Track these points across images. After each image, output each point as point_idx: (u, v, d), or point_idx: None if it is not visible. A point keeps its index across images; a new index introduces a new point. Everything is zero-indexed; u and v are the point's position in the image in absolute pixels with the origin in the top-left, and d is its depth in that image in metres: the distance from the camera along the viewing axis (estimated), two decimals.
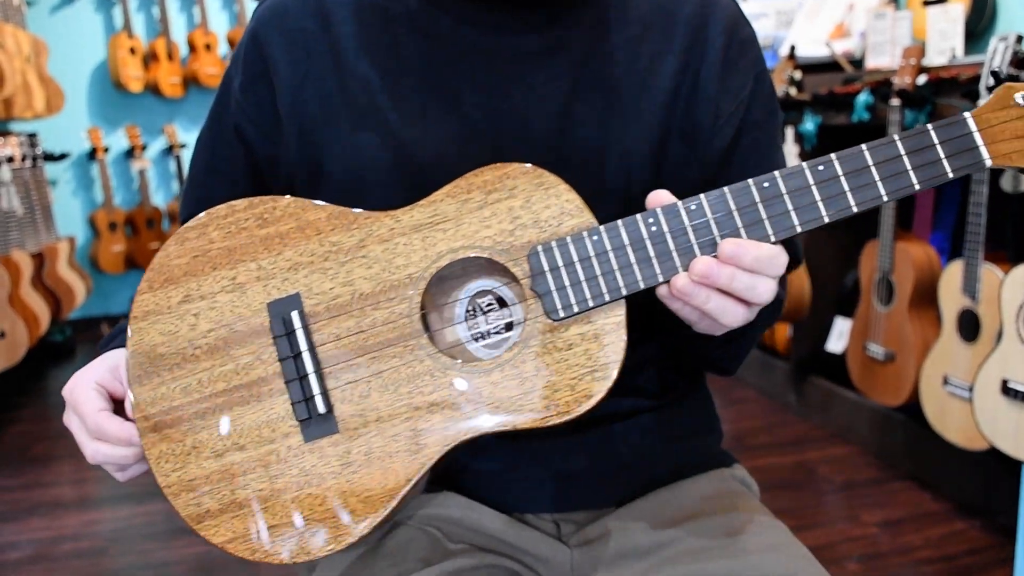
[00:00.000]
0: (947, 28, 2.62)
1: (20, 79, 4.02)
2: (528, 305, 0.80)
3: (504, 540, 0.93)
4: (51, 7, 5.11)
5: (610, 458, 0.97)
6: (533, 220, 0.80)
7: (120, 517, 2.79)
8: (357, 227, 0.83)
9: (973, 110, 0.78)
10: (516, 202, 0.80)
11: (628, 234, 0.79)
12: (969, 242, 2.31)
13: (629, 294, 0.79)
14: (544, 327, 0.80)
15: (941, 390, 2.47)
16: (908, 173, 0.78)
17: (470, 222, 0.81)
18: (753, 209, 0.78)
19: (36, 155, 4.37)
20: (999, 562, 2.30)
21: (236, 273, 0.84)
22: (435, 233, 0.81)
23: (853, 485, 2.78)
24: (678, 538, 0.91)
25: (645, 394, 1.00)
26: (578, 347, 0.79)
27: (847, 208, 0.78)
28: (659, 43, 0.94)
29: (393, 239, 0.82)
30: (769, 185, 0.78)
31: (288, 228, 0.84)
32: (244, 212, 0.85)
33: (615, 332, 0.79)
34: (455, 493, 0.97)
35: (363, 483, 0.81)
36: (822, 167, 0.78)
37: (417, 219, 0.82)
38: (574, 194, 0.80)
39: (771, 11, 3.64)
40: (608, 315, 0.79)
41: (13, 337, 3.72)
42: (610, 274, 0.79)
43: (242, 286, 0.84)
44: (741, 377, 3.82)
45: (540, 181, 0.80)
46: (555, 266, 0.80)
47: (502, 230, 0.80)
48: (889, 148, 0.78)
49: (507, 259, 0.80)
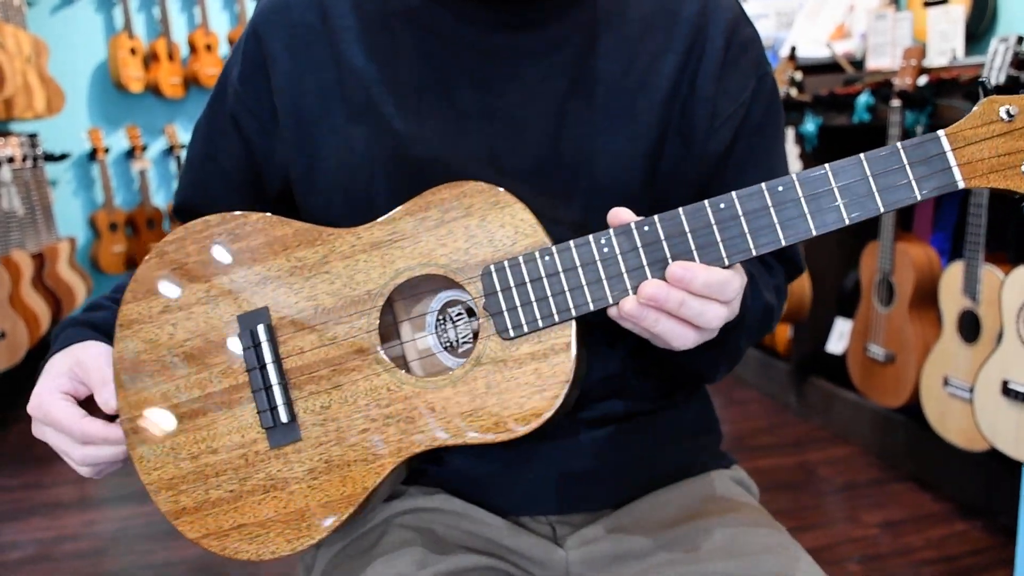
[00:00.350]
0: (948, 29, 2.62)
1: (21, 79, 4.02)
2: (482, 323, 0.82)
3: (500, 543, 0.93)
4: (52, 7, 5.11)
5: (609, 460, 0.97)
6: (488, 239, 0.81)
7: (121, 517, 2.79)
8: (321, 243, 0.86)
9: (949, 127, 0.75)
10: (472, 220, 0.82)
11: (579, 255, 0.79)
12: (970, 243, 2.31)
13: (579, 315, 0.79)
14: (496, 345, 0.81)
15: (942, 391, 2.47)
16: (874, 196, 0.76)
17: (427, 240, 0.83)
18: (708, 231, 0.77)
19: (37, 155, 4.37)
20: (1000, 563, 2.29)
21: (210, 286, 0.88)
22: (393, 251, 0.84)
23: (854, 486, 2.78)
24: (676, 540, 0.91)
25: (644, 397, 1.00)
26: (528, 366, 0.80)
27: (806, 231, 0.77)
28: (660, 42, 0.94)
29: (354, 256, 0.85)
30: (725, 207, 0.77)
31: (258, 243, 0.87)
32: (218, 227, 0.88)
33: (564, 352, 0.80)
34: (452, 496, 0.97)
35: (324, 489, 0.84)
36: (782, 188, 0.76)
37: (377, 237, 0.84)
38: (528, 213, 0.81)
39: (771, 12, 3.64)
40: (558, 335, 0.80)
41: (14, 337, 3.72)
42: (560, 295, 0.79)
43: (215, 298, 0.88)
44: (742, 378, 3.82)
45: (496, 200, 0.81)
46: (507, 286, 0.80)
47: (457, 248, 0.82)
48: (855, 169, 0.76)
49: (462, 278, 0.82)
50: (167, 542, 2.61)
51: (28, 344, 3.80)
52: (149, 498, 0.88)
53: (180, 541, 2.59)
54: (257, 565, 2.45)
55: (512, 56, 0.92)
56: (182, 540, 2.78)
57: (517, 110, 0.92)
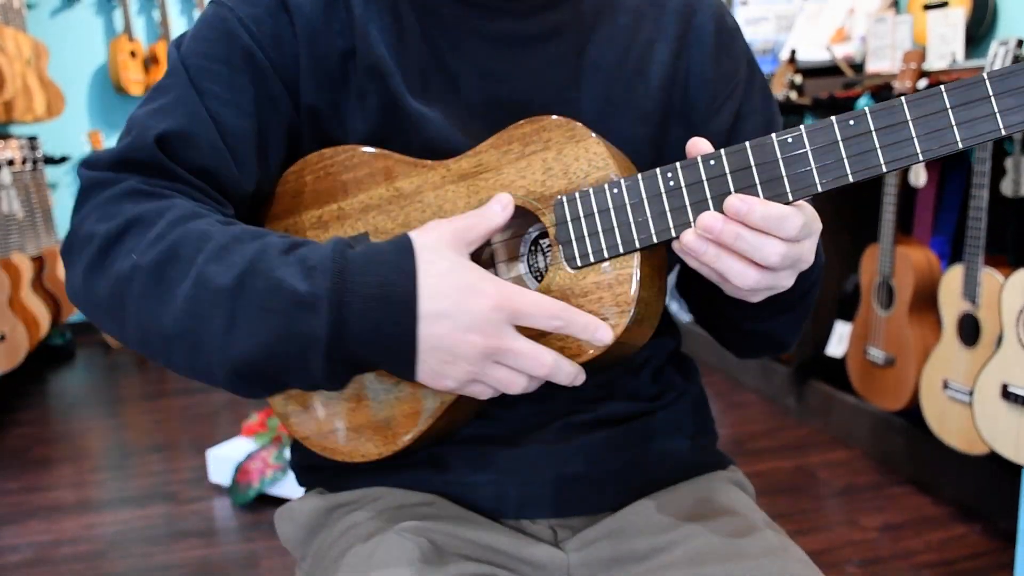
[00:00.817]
0: (947, 32, 2.62)
1: (20, 82, 4.02)
2: (553, 252, 0.84)
3: (499, 549, 0.93)
4: (52, 10, 5.11)
5: (607, 462, 0.97)
6: (563, 171, 0.84)
7: (120, 520, 2.78)
8: (416, 174, 0.90)
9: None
10: (550, 154, 0.85)
11: (646, 188, 0.80)
12: (969, 246, 2.31)
13: (643, 247, 0.81)
14: (565, 274, 0.84)
15: (941, 394, 2.47)
16: (952, 129, 0.71)
17: (508, 172, 0.86)
18: (773, 165, 0.76)
19: (36, 158, 4.37)
20: (999, 566, 2.29)
21: (322, 212, 0.94)
22: (478, 182, 0.87)
23: (853, 489, 2.78)
24: (675, 542, 0.91)
25: (641, 397, 1.01)
26: (592, 295, 0.82)
27: (876, 167, 0.74)
28: (650, 31, 0.97)
29: (444, 186, 0.89)
30: (792, 141, 0.76)
31: (363, 174, 0.92)
32: (331, 159, 0.94)
33: (627, 283, 0.81)
34: (449, 502, 0.96)
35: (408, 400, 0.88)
36: (853, 122, 0.74)
37: (464, 168, 0.88)
38: (602, 147, 0.83)
39: (771, 15, 3.64)
40: (622, 266, 0.82)
41: (13, 340, 3.72)
42: (626, 226, 0.81)
43: (326, 224, 0.94)
44: (741, 381, 3.82)
45: (572, 134, 0.84)
46: (576, 216, 0.83)
47: (535, 180, 0.85)
48: (933, 101, 0.72)
49: (537, 207, 0.85)
50: (167, 545, 2.61)
51: (28, 347, 3.80)
52: (149, 501, 0.88)
53: (180, 544, 2.60)
54: (257, 567, 2.45)
55: (515, 43, 0.94)
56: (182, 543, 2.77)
57: (521, 97, 0.93)
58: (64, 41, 5.10)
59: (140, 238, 0.79)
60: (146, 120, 0.86)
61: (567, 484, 0.96)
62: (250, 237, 0.79)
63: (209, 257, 0.77)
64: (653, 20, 0.98)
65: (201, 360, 0.78)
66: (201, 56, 0.89)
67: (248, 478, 2.79)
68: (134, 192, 0.82)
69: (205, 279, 0.76)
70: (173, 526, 2.72)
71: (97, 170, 0.85)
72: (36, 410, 3.93)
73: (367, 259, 0.76)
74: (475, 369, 0.77)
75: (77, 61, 5.15)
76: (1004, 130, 0.70)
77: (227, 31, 0.90)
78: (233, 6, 0.91)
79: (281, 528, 1.04)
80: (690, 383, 1.08)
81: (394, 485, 0.97)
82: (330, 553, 0.94)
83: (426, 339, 0.75)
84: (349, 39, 0.92)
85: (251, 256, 0.77)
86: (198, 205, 0.84)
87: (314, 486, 1.04)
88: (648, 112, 0.96)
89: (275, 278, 0.75)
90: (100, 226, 0.81)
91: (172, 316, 0.77)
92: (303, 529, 1.01)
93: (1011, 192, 2.40)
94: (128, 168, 0.84)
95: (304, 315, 0.74)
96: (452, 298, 0.75)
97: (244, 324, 0.75)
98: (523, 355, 0.77)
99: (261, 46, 0.90)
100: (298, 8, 0.91)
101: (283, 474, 2.76)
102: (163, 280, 0.77)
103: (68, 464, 3.30)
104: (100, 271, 0.81)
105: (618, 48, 0.96)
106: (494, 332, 0.75)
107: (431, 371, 0.77)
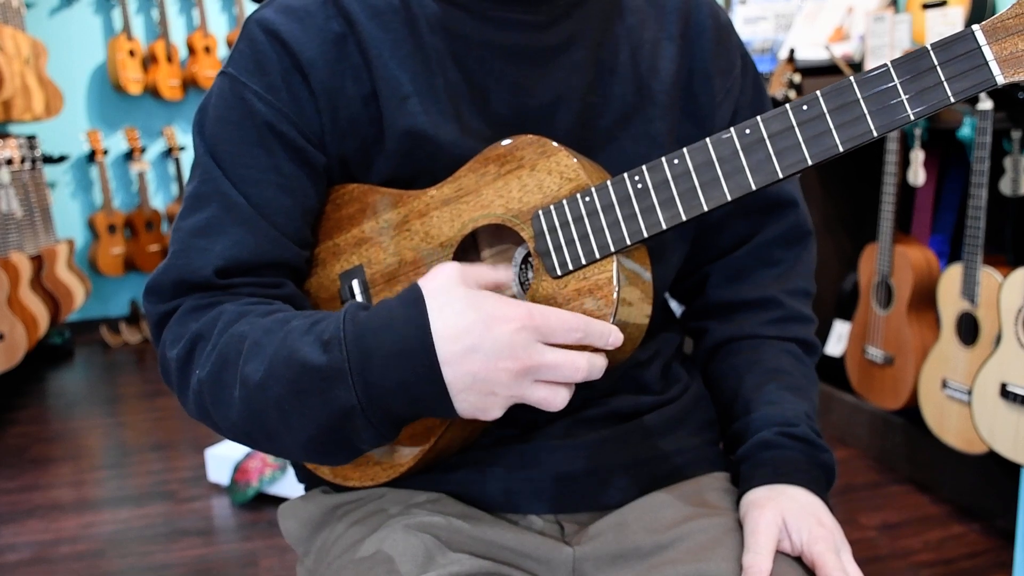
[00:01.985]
0: (946, 31, 2.62)
1: (19, 81, 4.02)
2: (535, 264, 0.87)
3: (504, 545, 0.93)
4: (50, 9, 5.11)
5: (614, 458, 0.98)
6: (538, 186, 0.86)
7: (119, 519, 2.79)
8: (402, 205, 0.94)
9: (983, 22, 0.72)
10: (524, 171, 0.87)
11: (616, 192, 0.82)
12: (968, 245, 2.31)
13: (618, 250, 0.83)
14: (548, 283, 0.86)
15: (940, 393, 2.47)
16: (902, 103, 0.74)
17: (487, 193, 0.89)
18: (735, 157, 0.78)
19: (35, 157, 4.37)
20: (998, 565, 2.30)
21: (319, 250, 0.99)
22: (460, 205, 0.90)
23: (852, 488, 2.78)
24: (679, 539, 0.91)
25: (649, 391, 1.02)
26: (575, 302, 0.84)
27: (833, 148, 0.76)
28: (654, 31, 1.00)
29: (428, 213, 0.92)
30: (750, 131, 0.78)
31: (354, 210, 0.96)
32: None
33: (607, 287, 0.83)
34: (454, 499, 0.97)
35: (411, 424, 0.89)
36: (806, 107, 0.76)
37: (446, 194, 0.91)
38: (572, 159, 0.85)
39: (770, 14, 3.64)
40: (601, 271, 0.84)
41: (12, 339, 3.72)
42: (600, 232, 0.83)
43: (323, 261, 0.99)
44: None
45: (543, 150, 0.86)
46: (552, 227, 0.85)
47: (513, 198, 0.88)
48: (881, 78, 0.75)
49: (516, 224, 0.87)
50: (166, 544, 2.61)
51: (26, 346, 3.80)
52: (148, 500, 0.89)
53: (179, 543, 2.60)
54: (256, 566, 2.45)
55: (538, 55, 0.94)
56: (181, 542, 2.77)
57: (547, 108, 0.94)
58: (63, 40, 5.10)
59: (201, 353, 0.86)
60: (196, 241, 0.89)
61: (575, 480, 0.96)
62: (279, 326, 0.82)
63: (247, 357, 0.81)
64: (656, 19, 1.00)
65: (277, 448, 0.85)
66: (228, 142, 0.91)
67: (247, 477, 2.79)
68: (193, 309, 0.89)
69: (246, 379, 0.81)
70: (172, 525, 2.72)
71: (162, 302, 0.90)
72: (35, 409, 3.94)
73: (378, 318, 0.78)
74: (516, 393, 0.77)
75: (76, 60, 5.15)
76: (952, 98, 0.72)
77: (248, 111, 0.91)
78: (247, 81, 0.91)
79: (284, 524, 1.04)
80: (694, 378, 1.09)
81: (400, 486, 0.97)
82: (334, 549, 0.95)
83: (458, 380, 0.76)
84: (367, 82, 0.92)
85: (276, 346, 0.80)
86: (244, 303, 0.88)
87: (315, 484, 1.05)
88: (665, 107, 0.98)
89: (298, 360, 0.79)
90: (172, 351, 0.88)
91: (239, 417, 0.83)
92: (307, 525, 1.01)
93: (1010, 191, 2.40)
94: (187, 291, 0.90)
95: (333, 388, 0.77)
96: (475, 332, 0.75)
97: (291, 410, 0.80)
98: (559, 366, 0.77)
99: (283, 115, 0.91)
100: (311, 64, 0.91)
101: (282, 473, 2.76)
102: (222, 388, 0.83)
103: (67, 463, 3.30)
104: (185, 391, 0.88)
105: (629, 49, 0.98)
106: (525, 353, 0.76)
107: (473, 407, 0.78)
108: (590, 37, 0.97)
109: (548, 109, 0.94)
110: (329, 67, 0.91)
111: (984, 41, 0.71)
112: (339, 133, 0.93)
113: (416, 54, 0.92)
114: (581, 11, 0.96)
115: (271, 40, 0.91)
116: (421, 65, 0.92)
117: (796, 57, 3.20)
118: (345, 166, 0.95)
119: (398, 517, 0.92)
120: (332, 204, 0.97)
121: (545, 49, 0.95)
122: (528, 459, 0.96)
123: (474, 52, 0.93)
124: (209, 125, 0.92)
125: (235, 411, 0.83)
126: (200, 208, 0.91)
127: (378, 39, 0.92)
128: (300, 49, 0.90)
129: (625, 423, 0.99)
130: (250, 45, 0.92)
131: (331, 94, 0.91)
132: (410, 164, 0.93)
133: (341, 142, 0.93)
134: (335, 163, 0.95)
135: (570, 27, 0.96)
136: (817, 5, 3.40)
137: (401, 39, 0.92)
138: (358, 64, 0.92)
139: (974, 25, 0.72)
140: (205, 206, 0.91)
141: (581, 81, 0.95)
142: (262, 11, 0.94)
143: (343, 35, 0.92)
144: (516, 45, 0.94)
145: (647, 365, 1.02)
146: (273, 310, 0.87)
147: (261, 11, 0.94)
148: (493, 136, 0.92)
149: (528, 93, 0.94)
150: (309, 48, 0.91)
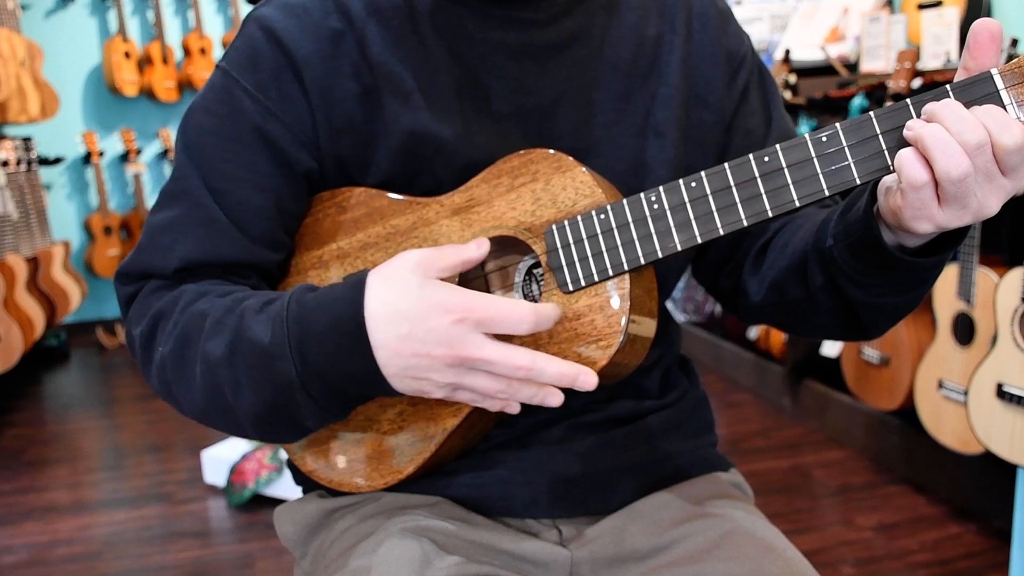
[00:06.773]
0: (942, 32, 2.63)
1: (15, 83, 4.02)
2: (546, 279, 0.86)
3: (501, 549, 0.92)
4: (46, 11, 5.10)
5: (612, 462, 0.98)
6: (551, 200, 0.86)
7: (115, 521, 2.78)
8: (411, 211, 0.93)
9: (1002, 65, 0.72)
10: (538, 185, 0.87)
11: (631, 212, 0.83)
12: (964, 245, 2.31)
13: (631, 269, 0.83)
14: (559, 298, 0.86)
15: (936, 394, 2.47)
16: None
17: (499, 204, 0.88)
18: (752, 183, 0.79)
19: (31, 159, 4.36)
20: (995, 566, 2.30)
21: (323, 252, 0.97)
22: (471, 215, 0.90)
23: (848, 489, 2.78)
24: (676, 541, 0.91)
25: (648, 396, 1.02)
26: (585, 318, 0.84)
27: (850, 180, 0.76)
28: (657, 25, 1.00)
29: (438, 221, 0.91)
30: (769, 159, 0.78)
31: (361, 214, 0.95)
32: (328, 202, 0.97)
33: (617, 305, 0.83)
34: (451, 503, 0.96)
35: (409, 428, 0.91)
36: (825, 138, 0.76)
37: (456, 203, 0.91)
38: (588, 176, 0.85)
39: (766, 15, 3.65)
40: (614, 289, 0.84)
41: (8, 341, 3.71)
42: (614, 250, 0.83)
43: (327, 263, 0.97)
44: (736, 381, 3.83)
45: (559, 165, 0.87)
46: (566, 243, 0.85)
47: (525, 210, 0.87)
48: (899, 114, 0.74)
49: (528, 237, 0.87)
50: (162, 546, 2.60)
51: (22, 348, 3.80)
52: (144, 502, 0.89)
53: (175, 545, 2.59)
54: (252, 567, 2.45)
55: (539, 53, 0.94)
56: (177, 544, 2.77)
57: (549, 106, 0.94)
58: (58, 42, 5.09)
59: (163, 331, 0.88)
60: (160, 239, 0.91)
61: (573, 483, 0.96)
62: (236, 304, 0.85)
63: (208, 335, 0.84)
64: (657, 13, 1.00)
65: (232, 424, 0.87)
66: (212, 135, 0.91)
67: (243, 479, 2.79)
68: (156, 289, 0.92)
69: (207, 356, 0.84)
70: (168, 527, 2.71)
71: (129, 284, 0.94)
72: (31, 411, 3.93)
73: (320, 298, 0.81)
74: (452, 381, 0.79)
75: (71, 62, 5.15)
76: None
77: (236, 107, 0.91)
78: (239, 76, 0.91)
79: (281, 527, 1.04)
80: (692, 384, 1.09)
81: (397, 489, 0.97)
82: (330, 552, 0.94)
83: (390, 362, 0.78)
84: (366, 79, 0.91)
85: (234, 324, 0.83)
86: (204, 283, 0.90)
87: (312, 487, 1.04)
88: (668, 97, 0.97)
89: (249, 338, 0.82)
90: (137, 329, 0.90)
91: (199, 393, 0.86)
92: (303, 528, 1.01)
93: None
94: (151, 279, 0.93)
95: (276, 364, 0.80)
96: (412, 318, 0.76)
97: (244, 385, 0.82)
98: (494, 362, 0.77)
99: (271, 113, 0.91)
100: (305, 62, 0.90)
101: (278, 474, 2.76)
102: (184, 364, 0.86)
103: (63, 465, 3.30)
104: (149, 366, 0.90)
105: (631, 45, 0.98)
106: (460, 344, 0.76)
107: (411, 389, 0.80)
108: (590, 35, 0.97)
109: (550, 106, 0.94)
110: (324, 64, 0.91)
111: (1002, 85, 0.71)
112: (334, 131, 0.92)
113: (418, 51, 0.92)
114: (582, 8, 0.97)
115: (267, 37, 0.91)
116: (423, 62, 0.92)
117: (792, 58, 3.20)
118: (342, 165, 0.94)
119: (395, 521, 0.92)
120: (337, 207, 0.96)
121: (547, 46, 0.95)
122: (526, 463, 0.95)
123: (476, 49, 0.93)
124: (197, 115, 0.93)
125: (196, 387, 0.85)
126: (169, 206, 0.92)
127: (379, 36, 0.92)
128: (295, 47, 0.90)
129: (623, 427, 0.99)
130: (246, 41, 0.92)
131: (326, 92, 0.91)
132: (411, 162, 0.92)
133: (336, 140, 0.92)
134: (331, 162, 0.94)
135: (571, 24, 0.96)
136: (813, 6, 3.41)
137: (403, 36, 0.92)
138: (357, 61, 0.91)
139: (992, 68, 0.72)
140: (174, 204, 0.92)
141: (582, 78, 0.95)
142: (262, 8, 0.94)
143: (341, 32, 0.91)
144: (518, 42, 0.94)
145: (648, 372, 1.02)
146: (232, 290, 0.89)
147: (261, 8, 0.94)
148: (495, 133, 0.92)
149: (529, 90, 0.94)
150: (305, 46, 0.90)
